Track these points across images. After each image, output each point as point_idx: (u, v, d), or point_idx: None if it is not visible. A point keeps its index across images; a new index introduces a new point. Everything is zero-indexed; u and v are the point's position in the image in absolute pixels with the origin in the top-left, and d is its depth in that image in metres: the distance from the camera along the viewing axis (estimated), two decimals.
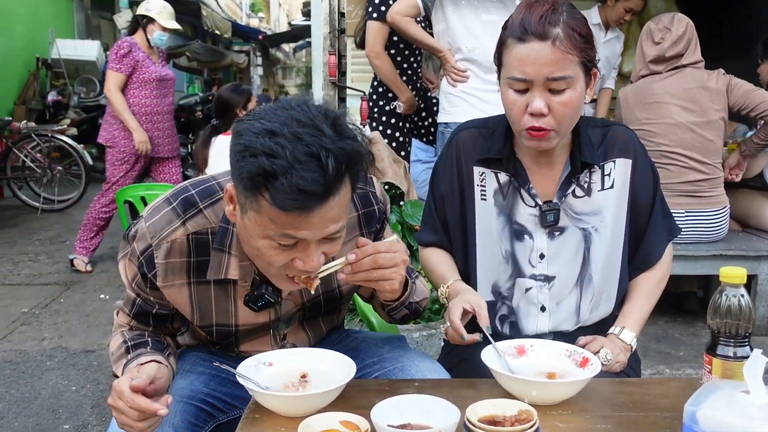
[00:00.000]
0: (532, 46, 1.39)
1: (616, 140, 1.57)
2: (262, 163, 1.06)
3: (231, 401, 1.44)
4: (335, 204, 1.11)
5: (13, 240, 5.93)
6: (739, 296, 1.11)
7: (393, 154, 3.66)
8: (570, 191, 1.55)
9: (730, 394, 0.97)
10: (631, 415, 1.20)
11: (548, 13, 1.40)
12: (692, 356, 3.17)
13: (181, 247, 1.29)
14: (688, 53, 3.15)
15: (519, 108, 1.44)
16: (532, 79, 1.40)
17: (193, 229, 1.29)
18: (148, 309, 1.37)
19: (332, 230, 1.15)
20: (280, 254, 1.17)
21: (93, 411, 2.82)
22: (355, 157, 1.12)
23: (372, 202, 1.44)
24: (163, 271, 1.30)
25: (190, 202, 1.31)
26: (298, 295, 1.42)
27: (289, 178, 1.05)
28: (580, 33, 1.41)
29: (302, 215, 1.09)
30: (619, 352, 1.51)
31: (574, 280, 1.58)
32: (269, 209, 1.09)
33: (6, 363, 3.30)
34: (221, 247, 1.31)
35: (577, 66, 1.41)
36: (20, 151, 7.19)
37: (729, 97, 3.11)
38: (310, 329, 1.53)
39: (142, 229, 1.29)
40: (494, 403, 1.12)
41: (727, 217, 3.27)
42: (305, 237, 1.13)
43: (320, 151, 1.06)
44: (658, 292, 1.65)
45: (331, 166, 1.06)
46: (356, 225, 1.42)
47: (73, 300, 4.31)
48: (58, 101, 10.07)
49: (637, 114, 3.22)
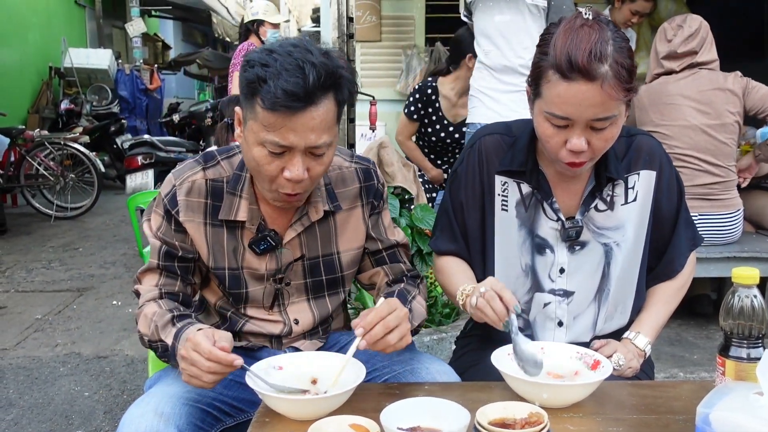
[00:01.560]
0: (579, 87, 1.29)
1: (641, 151, 1.52)
2: (257, 71, 1.28)
3: (239, 405, 1.45)
4: (317, 114, 1.29)
5: (26, 247, 5.98)
6: (752, 297, 1.10)
7: (402, 159, 3.66)
8: (593, 205, 1.50)
9: (744, 396, 0.96)
10: (643, 418, 1.19)
11: (597, 45, 1.28)
12: (706, 359, 3.14)
13: (200, 188, 1.46)
14: (702, 51, 3.11)
15: (556, 142, 1.37)
16: (575, 120, 1.32)
17: (211, 177, 1.47)
18: (174, 253, 1.46)
19: (314, 140, 1.30)
20: (272, 162, 1.33)
21: (105, 416, 2.83)
22: (336, 74, 1.30)
23: (372, 178, 1.58)
24: (185, 206, 1.45)
25: (211, 155, 1.51)
26: (297, 246, 1.51)
27: (275, 82, 1.25)
28: (627, 68, 1.31)
29: (287, 117, 1.27)
30: (632, 357, 1.49)
31: (593, 295, 1.55)
32: (261, 113, 1.29)
33: (20, 369, 3.32)
34: (233, 190, 1.47)
35: (622, 102, 1.33)
36: (33, 159, 7.26)
37: (746, 100, 3.07)
38: (316, 307, 1.56)
39: (169, 178, 1.48)
40: (504, 406, 1.11)
41: (740, 220, 3.24)
42: (291, 143, 1.29)
43: (305, 63, 1.27)
44: (678, 299, 1.62)
45: (312, 76, 1.26)
46: (357, 195, 1.56)
47: (85, 306, 4.33)
48: (70, 109, 10.18)
49: (651, 116, 3.20)
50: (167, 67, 15.17)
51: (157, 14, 16.04)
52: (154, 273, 1.48)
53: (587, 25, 1.31)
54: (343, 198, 1.54)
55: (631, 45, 4.44)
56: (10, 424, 2.77)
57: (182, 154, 6.63)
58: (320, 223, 1.52)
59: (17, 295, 4.61)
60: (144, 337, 1.42)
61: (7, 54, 10.08)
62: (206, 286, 1.58)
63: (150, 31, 14.84)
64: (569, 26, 1.33)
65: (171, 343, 1.32)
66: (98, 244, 6.08)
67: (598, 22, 1.33)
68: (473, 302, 1.36)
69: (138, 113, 11.84)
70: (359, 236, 1.57)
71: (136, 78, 11.86)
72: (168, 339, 1.34)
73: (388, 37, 5.34)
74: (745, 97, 3.06)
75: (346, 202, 1.55)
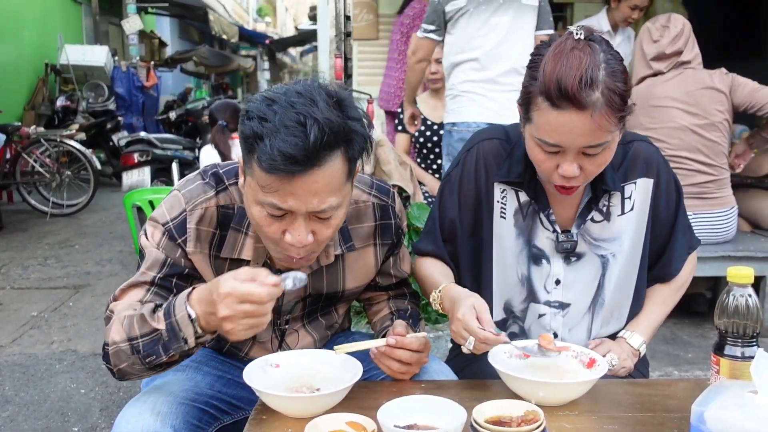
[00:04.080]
0: (569, 116, 1.24)
1: (638, 159, 1.49)
2: (254, 125, 1.14)
3: (236, 403, 1.45)
4: (320, 177, 1.14)
5: (22, 244, 5.97)
6: (746, 296, 1.10)
7: (399, 157, 3.66)
8: (589, 217, 1.49)
9: (738, 395, 0.97)
10: (638, 416, 1.19)
11: (587, 71, 1.22)
12: (700, 358, 3.16)
13: (211, 217, 1.34)
14: (686, 50, 3.13)
15: (548, 167, 1.34)
16: (566, 147, 1.29)
17: (222, 203, 1.35)
18: (179, 269, 1.33)
19: (317, 205, 1.16)
20: (272, 224, 1.21)
21: (102, 414, 2.83)
22: (345, 130, 1.15)
23: (390, 216, 1.48)
24: (194, 236, 1.32)
25: (219, 178, 1.37)
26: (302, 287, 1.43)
27: (272, 140, 1.11)
28: (620, 94, 1.25)
29: (284, 180, 1.13)
30: (626, 357, 1.49)
31: (588, 306, 1.54)
32: (257, 172, 1.16)
33: (16, 366, 3.32)
34: (239, 226, 1.35)
35: (616, 127, 1.29)
36: (29, 156, 7.23)
37: (733, 97, 3.07)
38: (313, 329, 1.54)
39: (176, 197, 1.33)
40: (501, 404, 1.11)
41: (735, 218, 3.25)
42: (290, 207, 1.17)
43: (307, 119, 1.11)
44: (675, 299, 1.61)
45: (314, 134, 1.10)
46: (371, 234, 1.46)
47: (82, 303, 4.33)
48: (66, 106, 10.14)
49: (640, 119, 3.21)
50: (164, 64, 15.14)
51: (154, 11, 16.00)
52: (141, 288, 1.31)
53: (578, 48, 1.26)
54: (356, 236, 1.45)
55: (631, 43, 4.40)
56: (6, 421, 2.76)
57: (179, 152, 6.60)
58: (329, 265, 1.44)
59: (13, 292, 4.60)
60: (116, 347, 1.22)
61: (3, 50, 10.04)
62: None
63: (146, 29, 14.79)
64: (559, 49, 1.27)
65: (165, 323, 1.17)
66: (94, 242, 6.07)
67: (590, 43, 1.27)
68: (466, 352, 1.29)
69: (134, 110, 11.81)
70: (368, 275, 1.51)
71: (132, 75, 11.83)
72: (160, 324, 1.18)
73: (386, 35, 5.33)
74: (731, 94, 3.06)
75: (359, 240, 1.45)
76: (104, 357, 1.27)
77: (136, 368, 1.24)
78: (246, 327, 1.10)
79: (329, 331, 1.59)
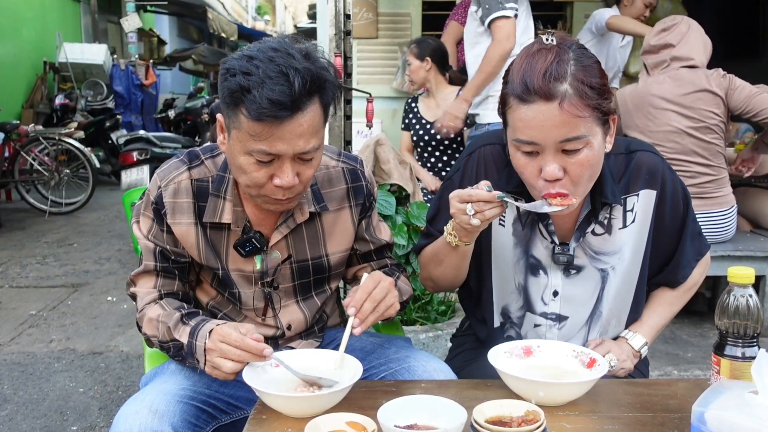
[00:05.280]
0: (537, 107, 1.24)
1: (641, 170, 1.45)
2: (239, 80, 1.24)
3: (234, 402, 1.45)
4: (304, 121, 1.27)
5: (20, 243, 5.96)
6: (747, 296, 1.10)
7: (399, 156, 3.65)
8: (589, 230, 1.45)
9: (739, 395, 0.97)
10: (638, 416, 1.19)
11: (553, 66, 1.24)
12: (700, 357, 3.16)
13: (186, 189, 1.44)
14: (680, 46, 3.10)
15: (531, 172, 1.31)
16: (542, 144, 1.27)
17: (196, 177, 1.46)
18: (167, 255, 1.46)
19: (303, 147, 1.28)
20: (260, 170, 1.31)
21: (100, 412, 2.82)
22: (320, 78, 1.27)
23: (360, 179, 1.57)
24: (171, 209, 1.44)
25: (195, 154, 1.49)
26: (284, 248, 1.50)
27: (260, 91, 1.22)
28: (591, 85, 1.25)
29: (274, 126, 1.24)
30: (625, 358, 1.49)
31: (585, 320, 1.52)
32: (246, 123, 1.25)
33: (14, 365, 3.31)
34: (217, 192, 1.45)
35: (593, 122, 1.27)
36: (28, 154, 7.23)
37: (729, 101, 3.05)
38: (306, 307, 1.56)
39: (155, 178, 1.46)
40: (501, 404, 1.11)
41: (734, 217, 3.25)
42: (279, 151, 1.27)
43: (289, 70, 1.23)
44: (683, 301, 1.59)
45: (298, 83, 1.23)
46: (345, 196, 1.55)
47: (80, 302, 4.32)
48: (65, 105, 10.14)
49: (635, 120, 3.20)
50: (163, 62, 15.13)
51: (153, 9, 15.99)
52: (150, 275, 1.47)
53: (545, 48, 1.28)
54: (329, 199, 1.52)
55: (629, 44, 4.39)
56: (5, 419, 2.76)
57: (177, 150, 6.61)
58: (307, 225, 1.51)
59: (11, 290, 4.59)
60: (152, 339, 1.43)
61: (2, 49, 10.03)
62: (198, 286, 1.57)
63: (145, 27, 14.78)
64: (525, 52, 1.30)
65: (187, 341, 1.33)
66: (93, 240, 6.06)
67: (560, 45, 1.28)
68: (475, 222, 1.29)
69: (133, 109, 11.81)
70: (348, 238, 1.56)
71: (131, 73, 11.82)
72: (183, 338, 1.34)
73: (385, 34, 5.33)
74: (728, 97, 3.04)
75: (333, 203, 1.53)
76: (139, 328, 1.48)
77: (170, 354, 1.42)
78: (213, 365, 1.26)
79: (322, 313, 1.61)
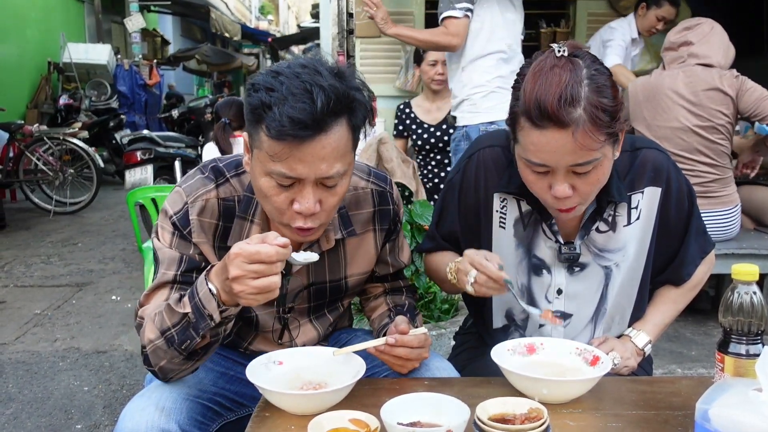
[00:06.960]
0: (551, 135, 1.21)
1: (646, 167, 1.44)
2: (261, 96, 1.18)
3: (239, 400, 1.45)
4: (328, 143, 1.18)
5: (25, 242, 5.98)
6: (751, 293, 1.10)
7: (402, 155, 3.66)
8: (594, 227, 1.45)
9: (743, 392, 0.96)
10: (642, 414, 1.19)
11: (567, 89, 1.19)
12: (704, 356, 3.15)
13: (213, 208, 1.36)
14: (699, 44, 3.09)
15: (540, 188, 1.31)
16: (554, 167, 1.26)
17: (223, 196, 1.37)
18: (195, 264, 1.34)
19: (326, 171, 1.20)
20: (279, 194, 1.23)
21: (105, 411, 2.83)
22: (348, 98, 1.20)
23: (388, 202, 1.50)
24: (197, 227, 1.35)
25: (219, 171, 1.39)
26: (305, 274, 1.45)
27: (281, 108, 1.15)
28: (605, 109, 1.22)
29: (294, 146, 1.16)
30: (629, 356, 1.48)
31: (590, 317, 1.52)
32: (267, 142, 1.18)
33: (19, 364, 3.33)
34: (244, 215, 1.37)
35: (604, 144, 1.24)
36: (32, 154, 7.25)
37: (739, 102, 3.05)
38: (319, 325, 1.54)
39: (178, 192, 1.36)
40: (504, 402, 1.11)
41: (738, 216, 3.24)
42: (299, 174, 1.19)
43: (313, 87, 1.16)
44: (687, 299, 1.59)
45: (321, 101, 1.15)
46: (370, 219, 1.48)
47: (85, 301, 4.33)
48: (69, 105, 10.16)
49: (644, 113, 3.20)
50: (166, 62, 15.15)
51: (156, 9, 16.01)
52: (165, 288, 1.33)
53: (558, 65, 1.22)
54: (356, 222, 1.46)
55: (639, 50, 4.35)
56: (10, 418, 2.77)
57: (181, 150, 6.61)
58: (330, 251, 1.45)
59: (16, 290, 4.61)
60: (153, 345, 1.25)
61: (6, 49, 10.06)
62: None
63: (149, 27, 14.81)
64: (539, 68, 1.24)
65: (191, 304, 1.19)
66: (97, 240, 6.08)
67: (572, 59, 1.24)
68: (470, 290, 1.34)
69: (137, 109, 11.84)
70: (369, 261, 1.52)
71: (135, 73, 11.85)
72: (186, 307, 1.20)
73: None
74: (738, 99, 3.03)
75: (359, 225, 1.47)
76: (145, 360, 1.29)
77: (175, 362, 1.26)
78: (255, 289, 1.10)
79: (334, 326, 1.59)
